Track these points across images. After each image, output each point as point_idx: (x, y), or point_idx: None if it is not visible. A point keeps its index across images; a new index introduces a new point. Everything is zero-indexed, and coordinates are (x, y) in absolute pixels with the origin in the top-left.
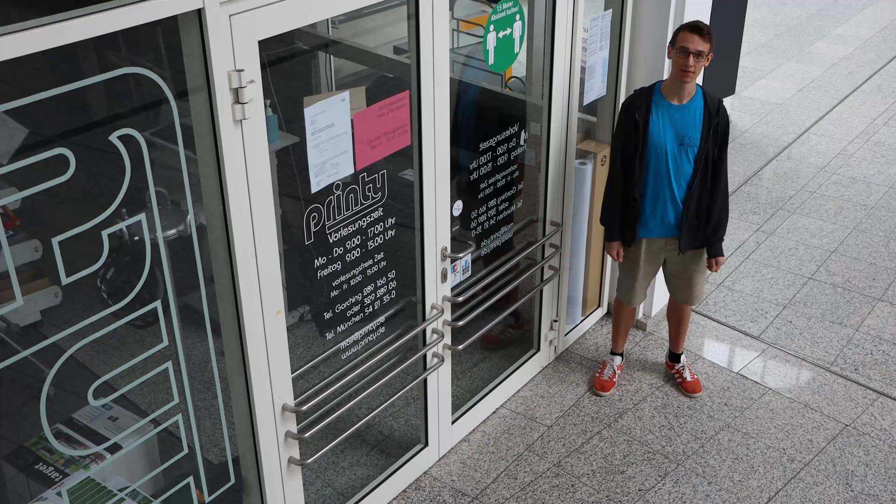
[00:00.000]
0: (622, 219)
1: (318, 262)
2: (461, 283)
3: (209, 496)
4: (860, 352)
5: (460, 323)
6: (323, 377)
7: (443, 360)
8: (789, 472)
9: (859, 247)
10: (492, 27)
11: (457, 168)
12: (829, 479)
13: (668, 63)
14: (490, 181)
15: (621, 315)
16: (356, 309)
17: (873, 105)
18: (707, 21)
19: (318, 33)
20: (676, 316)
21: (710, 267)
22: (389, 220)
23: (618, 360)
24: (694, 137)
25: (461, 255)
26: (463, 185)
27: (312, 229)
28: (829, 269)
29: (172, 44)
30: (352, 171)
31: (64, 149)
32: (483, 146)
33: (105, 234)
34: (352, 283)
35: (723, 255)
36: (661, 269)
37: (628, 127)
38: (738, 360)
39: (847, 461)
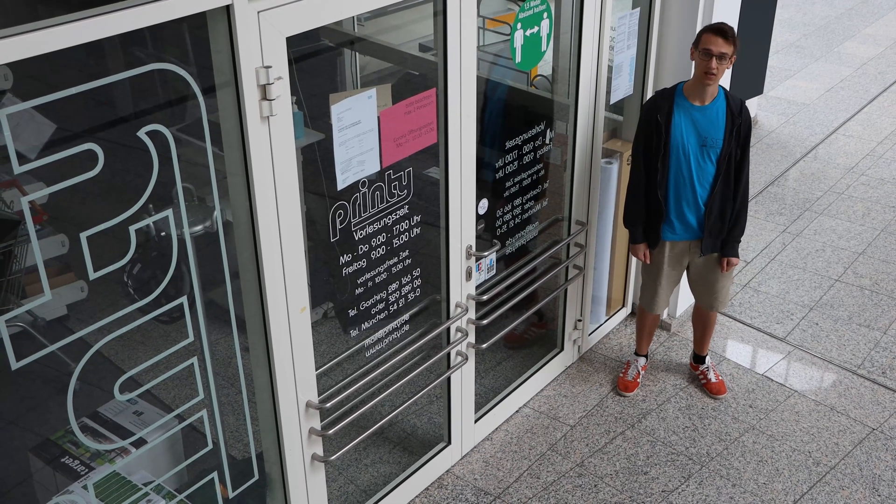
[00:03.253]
0: (646, 220)
1: (344, 259)
2: (485, 281)
3: (233, 492)
4: (888, 355)
5: (484, 321)
6: (347, 374)
7: (466, 359)
8: (815, 476)
9: (888, 249)
10: (519, 25)
11: (482, 166)
12: (855, 483)
13: (694, 63)
14: (515, 180)
15: (645, 320)
16: (381, 306)
17: None
18: (736, 20)
19: (344, 30)
20: (702, 321)
21: (721, 266)
22: (415, 217)
23: (642, 360)
24: (716, 139)
25: (486, 253)
26: (488, 184)
27: (338, 226)
28: (857, 272)
29: (200, 40)
30: (378, 169)
31: (93, 144)
32: (509, 145)
33: (132, 229)
34: (376, 280)
35: (737, 257)
36: (684, 275)
37: (650, 128)
38: (763, 361)
39: (874, 465)
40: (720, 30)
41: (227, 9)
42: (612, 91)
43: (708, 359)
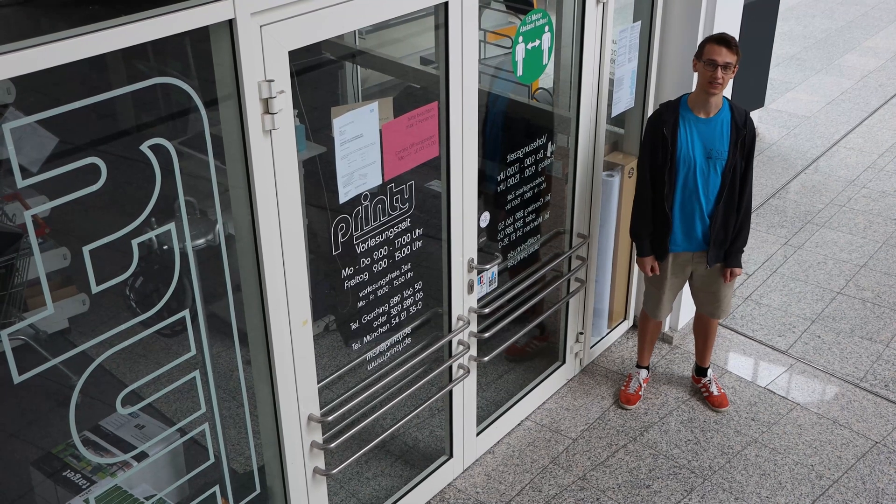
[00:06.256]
0: (653, 233)
1: (345, 272)
2: (487, 294)
3: None
4: (891, 368)
5: (486, 334)
6: (348, 387)
7: (468, 372)
8: (818, 489)
9: (889, 261)
10: (521, 38)
11: (484, 179)
12: (858, 496)
13: (696, 75)
14: (517, 193)
15: (647, 328)
16: (382, 320)
17: None
18: (737, 33)
19: (346, 44)
20: (703, 330)
21: (724, 277)
22: (417, 230)
23: (644, 373)
24: (722, 150)
25: (488, 266)
26: (490, 197)
27: (340, 239)
28: (859, 284)
29: (202, 53)
30: (380, 182)
31: (96, 158)
32: (510, 157)
33: (134, 243)
34: (378, 293)
35: (740, 267)
36: (687, 283)
37: (656, 141)
38: (765, 374)
39: (877, 479)
40: (724, 39)
41: (230, 23)
42: (614, 104)
43: (710, 371)
